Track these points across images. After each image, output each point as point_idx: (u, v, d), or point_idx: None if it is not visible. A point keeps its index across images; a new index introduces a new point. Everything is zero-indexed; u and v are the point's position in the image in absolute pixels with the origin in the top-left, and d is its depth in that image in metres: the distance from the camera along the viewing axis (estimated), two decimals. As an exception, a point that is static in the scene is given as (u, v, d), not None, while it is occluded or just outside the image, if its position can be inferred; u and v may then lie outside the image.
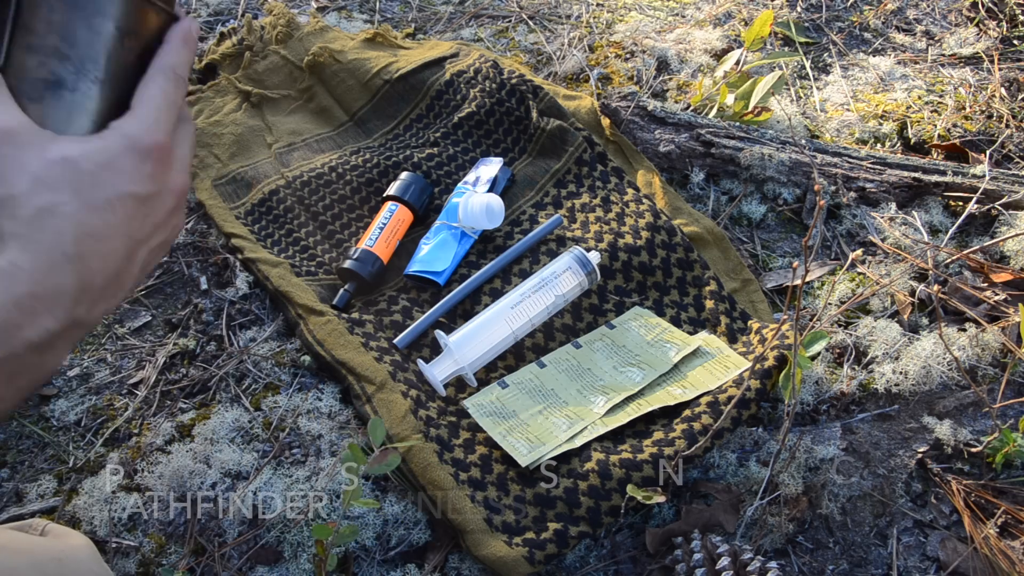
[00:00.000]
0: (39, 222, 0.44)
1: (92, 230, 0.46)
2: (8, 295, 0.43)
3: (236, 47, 1.25)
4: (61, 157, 0.45)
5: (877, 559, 0.75)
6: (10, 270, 0.43)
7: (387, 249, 0.96)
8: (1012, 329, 0.89)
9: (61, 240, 0.45)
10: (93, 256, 0.46)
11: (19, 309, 0.43)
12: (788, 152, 1.06)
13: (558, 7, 1.41)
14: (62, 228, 0.45)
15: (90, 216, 0.46)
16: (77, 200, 0.45)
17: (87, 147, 0.46)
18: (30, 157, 0.45)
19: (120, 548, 0.75)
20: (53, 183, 0.45)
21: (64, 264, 0.45)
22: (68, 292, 0.45)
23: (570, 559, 0.75)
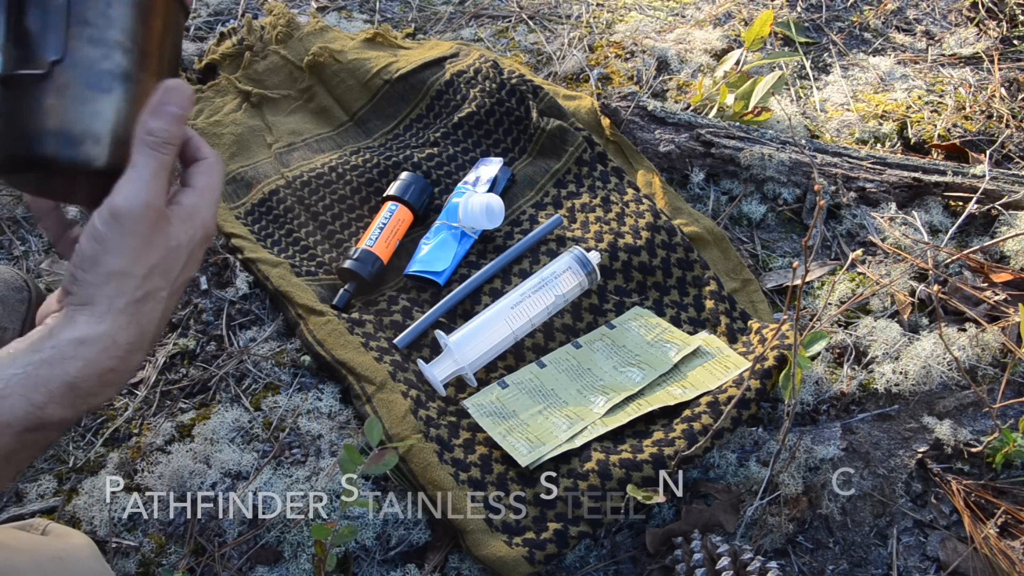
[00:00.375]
0: (143, 306, 0.47)
1: (167, 313, 0.49)
2: (97, 367, 0.45)
3: (236, 47, 1.25)
4: (176, 245, 0.48)
5: (877, 559, 0.75)
6: (108, 344, 0.46)
7: (387, 249, 0.96)
8: (1012, 329, 0.89)
9: (152, 323, 0.48)
10: (154, 336, 0.49)
11: (100, 381, 0.46)
12: (788, 152, 1.06)
13: (558, 7, 1.41)
14: (156, 313, 0.48)
15: (171, 301, 0.49)
16: (170, 287, 0.49)
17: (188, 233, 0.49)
18: (159, 241, 0.47)
19: (120, 548, 0.75)
20: (164, 270, 0.48)
21: (146, 345, 0.48)
22: (135, 367, 0.48)
23: (570, 559, 0.75)
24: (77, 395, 0.45)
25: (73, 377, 0.44)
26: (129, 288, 0.46)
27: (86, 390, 0.45)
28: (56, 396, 0.44)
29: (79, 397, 0.45)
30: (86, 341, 0.45)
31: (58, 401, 0.44)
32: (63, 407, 0.44)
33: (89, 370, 0.45)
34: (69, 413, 0.45)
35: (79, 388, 0.45)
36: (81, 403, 0.45)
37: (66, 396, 0.44)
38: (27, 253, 1.00)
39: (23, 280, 0.87)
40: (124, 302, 0.46)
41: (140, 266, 0.46)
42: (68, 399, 0.44)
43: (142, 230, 0.46)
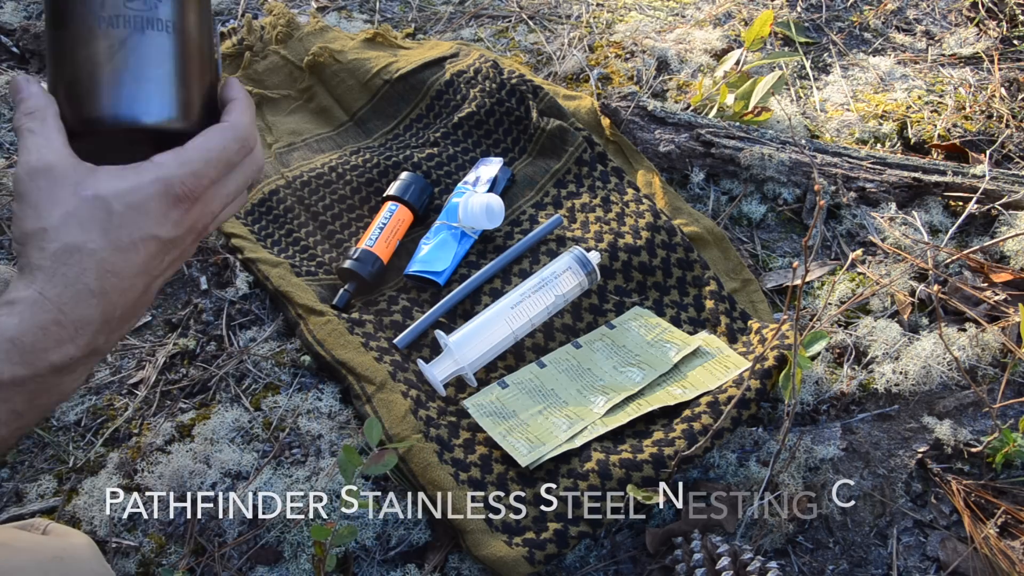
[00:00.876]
0: (65, 257, 0.47)
1: (115, 268, 0.48)
2: (34, 321, 0.46)
3: (236, 47, 1.25)
4: (93, 195, 0.47)
5: (877, 559, 0.75)
6: (37, 299, 0.46)
7: (387, 249, 0.96)
8: (1012, 329, 0.89)
9: (85, 275, 0.47)
10: (114, 292, 0.49)
11: (44, 334, 0.46)
12: (788, 152, 1.06)
13: (558, 7, 1.41)
14: (86, 264, 0.47)
15: (114, 255, 0.48)
16: (104, 239, 0.48)
17: (121, 185, 0.48)
18: (65, 193, 0.47)
19: (120, 548, 0.75)
20: (83, 221, 0.47)
21: (88, 298, 0.48)
22: (91, 323, 0.48)
23: (570, 559, 0.75)
24: (24, 350, 0.45)
25: (12, 333, 0.45)
26: (43, 242, 0.47)
27: (32, 344, 0.46)
28: (1, 353, 0.45)
29: (27, 352, 0.46)
30: (16, 301, 0.46)
31: (3, 358, 0.45)
32: (11, 364, 0.45)
33: (25, 325, 0.46)
34: (21, 370, 0.46)
35: (23, 343, 0.45)
36: (33, 359, 0.46)
37: (11, 353, 0.45)
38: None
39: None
40: (41, 257, 0.47)
41: (46, 218, 0.47)
42: (15, 355, 0.45)
43: (35, 185, 0.47)
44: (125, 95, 0.51)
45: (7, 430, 0.47)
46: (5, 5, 1.32)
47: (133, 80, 0.51)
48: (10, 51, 1.25)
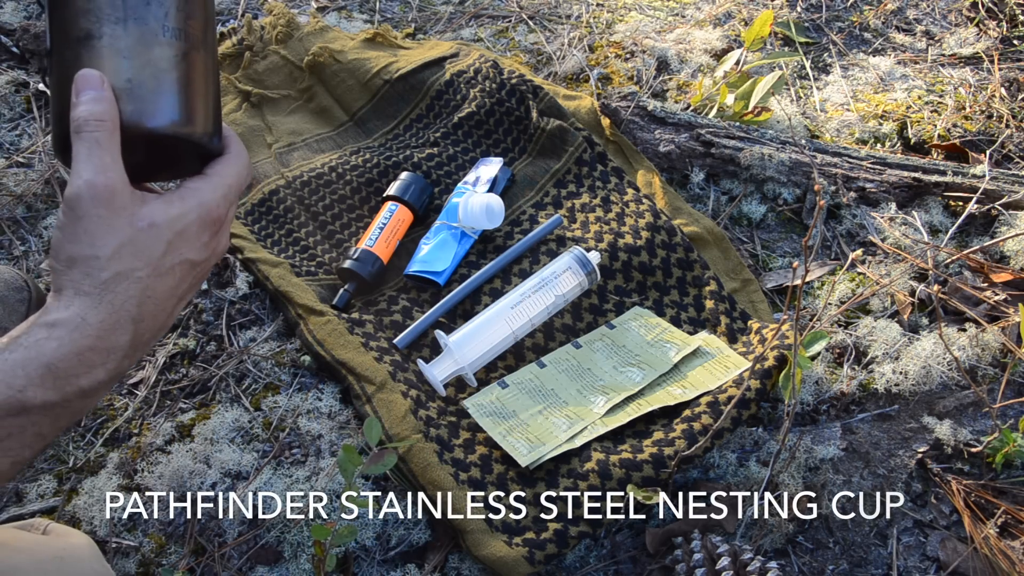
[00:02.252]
0: (113, 285, 0.48)
1: (154, 293, 0.50)
2: (72, 347, 0.46)
3: (236, 47, 1.25)
4: (149, 224, 0.49)
5: (877, 559, 0.75)
6: (79, 324, 0.47)
7: (387, 249, 0.96)
8: (1012, 329, 0.89)
9: (129, 303, 0.48)
10: (149, 316, 0.50)
11: (80, 360, 0.47)
12: (788, 152, 1.06)
13: (558, 7, 1.41)
14: (132, 292, 0.48)
15: (156, 281, 0.49)
16: (149, 267, 0.49)
17: (171, 213, 0.50)
18: (122, 223, 0.48)
19: (120, 548, 0.75)
20: (137, 251, 0.48)
21: (127, 324, 0.48)
22: (123, 348, 0.49)
23: (570, 559, 0.75)
24: (58, 376, 0.46)
25: (50, 358, 0.45)
26: (93, 270, 0.47)
27: (66, 370, 0.46)
28: (35, 378, 0.45)
29: (60, 378, 0.46)
30: (57, 324, 0.46)
31: (38, 383, 0.45)
32: (44, 389, 0.45)
33: (64, 350, 0.46)
34: (53, 395, 0.46)
35: (58, 368, 0.45)
36: (64, 384, 0.46)
37: (46, 378, 0.45)
38: (27, 253, 1.00)
39: (23, 280, 0.87)
40: (89, 284, 0.47)
41: (101, 247, 0.47)
42: (48, 380, 0.45)
43: (96, 212, 0.46)
44: (183, 106, 0.52)
45: (31, 452, 0.48)
46: (5, 5, 1.32)
47: (191, 93, 0.52)
48: (10, 51, 1.25)
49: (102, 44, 0.50)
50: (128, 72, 0.50)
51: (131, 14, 0.50)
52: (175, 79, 0.52)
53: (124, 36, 0.50)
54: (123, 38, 0.50)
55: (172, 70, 0.51)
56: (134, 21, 0.50)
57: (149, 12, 0.50)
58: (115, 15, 0.50)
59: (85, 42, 0.50)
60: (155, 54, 0.51)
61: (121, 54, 0.50)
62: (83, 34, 0.50)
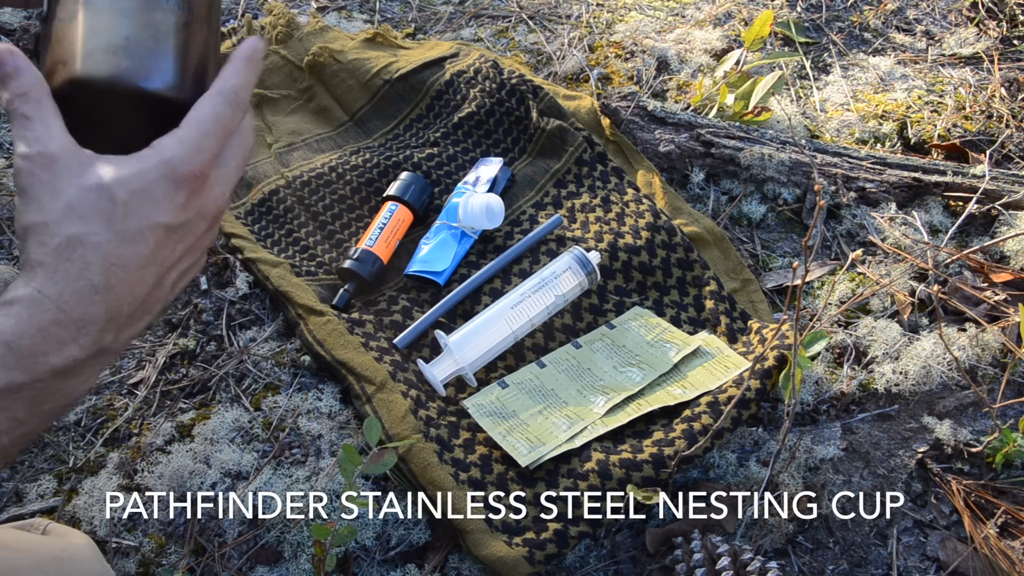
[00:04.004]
0: (68, 251, 0.44)
1: (121, 260, 0.45)
2: (32, 322, 0.43)
3: (236, 47, 1.25)
4: (96, 184, 0.45)
5: (877, 559, 0.75)
6: (36, 298, 0.43)
7: (387, 249, 0.96)
8: (1012, 329, 0.89)
9: (88, 270, 0.44)
10: (121, 285, 0.46)
11: (44, 336, 0.43)
12: (788, 152, 1.06)
13: (558, 7, 1.41)
14: (90, 258, 0.44)
15: (119, 247, 0.45)
16: (108, 230, 0.45)
17: (123, 172, 0.46)
18: (65, 183, 0.45)
19: (120, 548, 0.75)
20: (85, 212, 0.45)
21: (91, 294, 0.45)
22: (95, 321, 0.45)
23: (570, 559, 0.75)
24: (21, 355, 0.43)
25: (8, 335, 0.43)
26: (44, 236, 0.44)
27: (30, 348, 0.43)
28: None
29: (25, 357, 0.43)
30: (13, 301, 0.44)
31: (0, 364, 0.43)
32: (7, 370, 0.43)
33: (23, 327, 0.43)
34: (19, 376, 0.43)
35: (19, 347, 0.43)
36: (32, 363, 0.43)
37: (6, 357, 0.43)
38: (27, 253, 1.00)
39: (23, 280, 0.87)
40: (42, 253, 0.44)
41: (48, 212, 0.44)
42: (11, 360, 0.43)
43: (38, 178, 0.44)
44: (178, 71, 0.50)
45: (8, 439, 0.45)
46: (5, 5, 1.32)
47: (188, 60, 0.50)
48: (10, 51, 1.24)
49: (102, 3, 0.49)
50: (126, 30, 0.48)
51: None
52: (173, 44, 0.50)
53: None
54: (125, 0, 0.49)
55: (171, 35, 0.50)
56: None
57: None
58: None
59: (85, 2, 0.49)
60: (156, 17, 0.49)
61: (122, 12, 0.48)
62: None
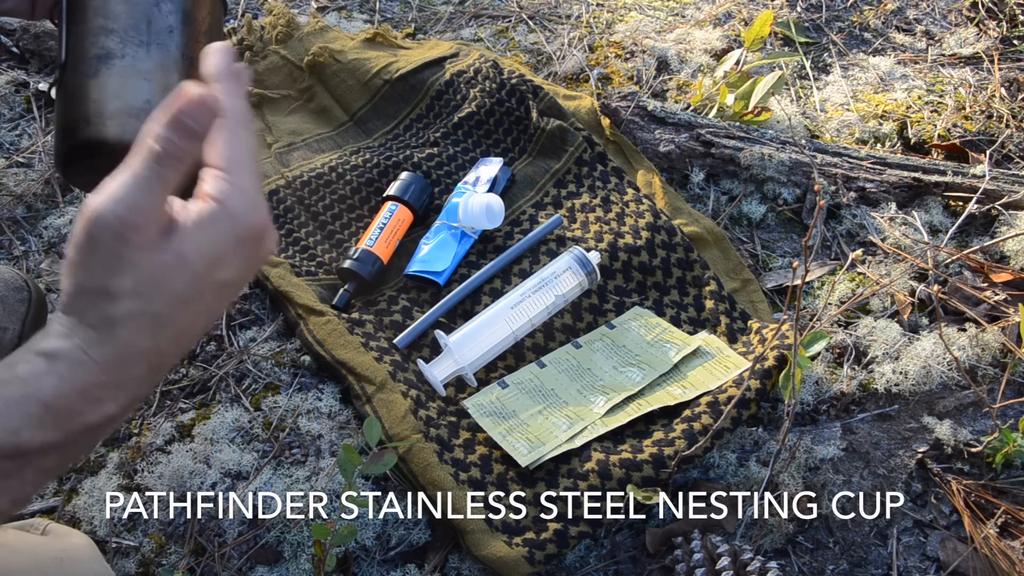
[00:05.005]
0: (126, 322, 0.41)
1: (175, 323, 0.43)
2: (75, 384, 0.40)
3: (236, 47, 1.25)
4: (174, 258, 0.41)
5: (877, 559, 0.75)
6: (81, 359, 0.40)
7: (387, 249, 0.96)
8: (1012, 329, 0.89)
9: (140, 337, 0.42)
10: (168, 343, 0.43)
11: (84, 398, 0.41)
12: (788, 152, 1.06)
13: (558, 7, 1.41)
14: (146, 327, 0.42)
15: (178, 312, 0.42)
16: (172, 303, 0.42)
17: (201, 240, 0.42)
18: (144, 258, 0.41)
19: (120, 548, 0.75)
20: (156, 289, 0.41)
21: (139, 359, 0.42)
22: (136, 380, 0.43)
23: (570, 559, 0.75)
24: (59, 415, 0.40)
25: (49, 395, 0.40)
26: (103, 304, 0.40)
27: (68, 408, 0.40)
28: (33, 419, 0.39)
29: (62, 417, 0.40)
30: (57, 355, 0.40)
31: (36, 424, 0.39)
32: (43, 429, 0.40)
33: (65, 387, 0.40)
34: (54, 436, 0.40)
35: (58, 407, 0.40)
36: (67, 423, 0.40)
37: (44, 418, 0.39)
38: (27, 253, 1.00)
39: (23, 280, 0.87)
40: (95, 317, 0.41)
41: (115, 284, 0.40)
42: (48, 420, 0.40)
43: (117, 247, 0.40)
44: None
45: (33, 488, 0.43)
46: (5, 5, 1.32)
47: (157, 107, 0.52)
48: (10, 51, 1.25)
49: (124, 64, 0.51)
50: (147, 94, 0.51)
51: (154, 39, 0.51)
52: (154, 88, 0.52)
53: (146, 59, 0.51)
54: (145, 61, 0.51)
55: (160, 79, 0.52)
56: (157, 46, 0.51)
57: (171, 40, 0.52)
58: (139, 39, 0.51)
59: (106, 60, 0.51)
60: (174, 79, 0.52)
61: (142, 75, 0.51)
62: (104, 52, 0.51)
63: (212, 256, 0.42)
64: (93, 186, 0.50)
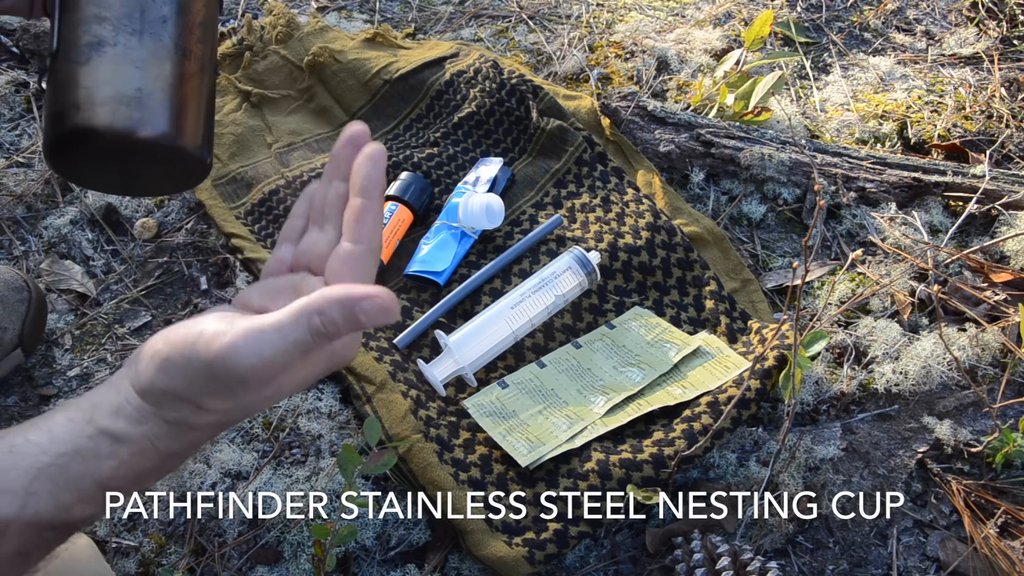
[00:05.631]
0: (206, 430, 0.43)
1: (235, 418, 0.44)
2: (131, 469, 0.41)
3: (236, 47, 1.25)
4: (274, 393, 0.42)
5: (877, 559, 0.75)
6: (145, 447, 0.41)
7: (387, 249, 0.96)
8: (1012, 329, 0.89)
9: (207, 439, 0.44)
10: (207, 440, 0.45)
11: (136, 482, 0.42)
12: (788, 152, 1.06)
13: (558, 7, 1.41)
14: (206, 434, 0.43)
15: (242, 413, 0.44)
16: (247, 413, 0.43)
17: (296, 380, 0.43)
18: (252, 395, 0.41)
19: (120, 548, 0.75)
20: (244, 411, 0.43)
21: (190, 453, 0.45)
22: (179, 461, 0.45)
23: (570, 559, 0.75)
24: (109, 492, 0.41)
25: (106, 477, 0.40)
26: (189, 414, 0.41)
27: (120, 488, 0.41)
28: (86, 496, 0.40)
29: (112, 494, 0.42)
30: (124, 440, 0.40)
31: (88, 501, 0.40)
32: (92, 505, 0.41)
33: (124, 471, 0.41)
34: (95, 510, 0.41)
35: (111, 487, 0.41)
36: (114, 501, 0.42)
37: (97, 496, 0.41)
38: (27, 253, 1.00)
39: (23, 280, 0.87)
40: (176, 418, 0.41)
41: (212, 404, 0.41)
42: (99, 498, 0.41)
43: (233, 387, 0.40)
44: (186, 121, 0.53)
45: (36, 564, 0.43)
46: (5, 5, 1.32)
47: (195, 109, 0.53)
48: (10, 51, 1.25)
49: (116, 52, 0.51)
50: (139, 82, 0.51)
51: (147, 28, 0.52)
52: (182, 96, 0.53)
53: (139, 48, 0.51)
54: (137, 49, 0.51)
55: (180, 87, 0.53)
56: (150, 35, 0.52)
57: (164, 29, 0.52)
58: (132, 27, 0.51)
59: (97, 47, 0.51)
60: (166, 69, 0.52)
61: (134, 64, 0.51)
62: (96, 40, 0.51)
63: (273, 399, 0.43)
64: (81, 177, 0.51)
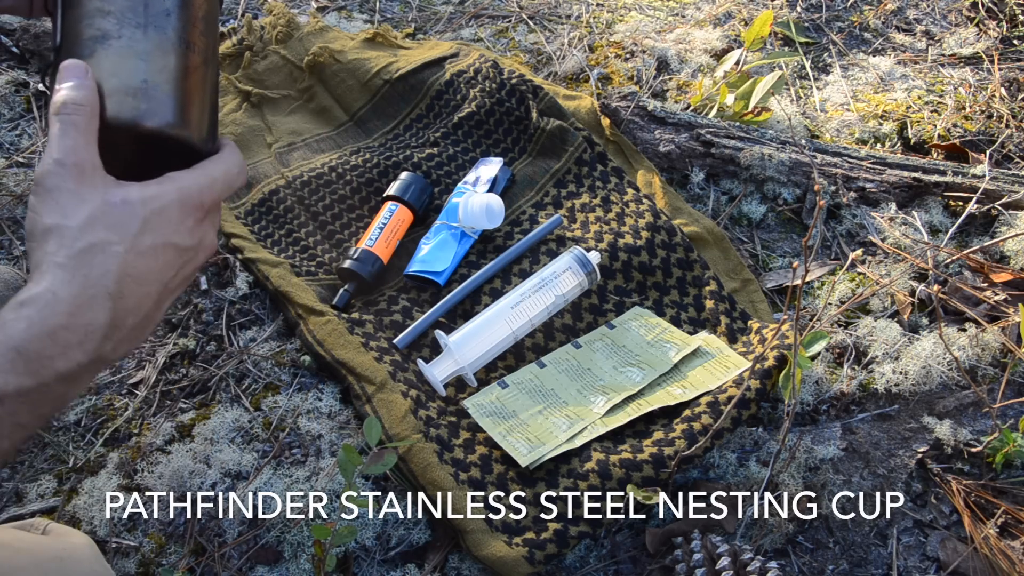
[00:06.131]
0: (88, 256, 0.46)
1: (135, 272, 0.48)
2: (43, 326, 0.44)
3: (236, 47, 1.25)
4: (121, 200, 0.48)
5: (877, 559, 0.75)
6: (49, 299, 0.45)
7: (387, 249, 0.96)
8: (1012, 329, 0.89)
9: (105, 278, 0.47)
10: (130, 296, 0.48)
11: (52, 341, 0.45)
12: (788, 152, 1.06)
13: (558, 7, 1.41)
14: (107, 266, 0.47)
15: (136, 259, 0.48)
16: (128, 243, 0.48)
17: (145, 193, 0.49)
18: (91, 195, 0.47)
19: (120, 548, 0.75)
20: (109, 223, 0.47)
21: (103, 301, 0.47)
22: (100, 328, 0.47)
23: (570, 559, 0.75)
24: (30, 359, 0.44)
25: (19, 340, 0.43)
26: (66, 239, 0.46)
27: (39, 352, 0.44)
28: (5, 364, 0.43)
29: (33, 361, 0.44)
30: (27, 302, 0.44)
31: (8, 369, 0.43)
32: (17, 375, 0.43)
33: (34, 330, 0.44)
34: (27, 381, 0.44)
35: (29, 351, 0.43)
36: (39, 367, 0.44)
37: (16, 362, 0.43)
38: (27, 253, 1.00)
39: (23, 280, 0.87)
40: (63, 255, 0.45)
41: (72, 218, 0.46)
42: (20, 364, 0.43)
43: (66, 185, 0.46)
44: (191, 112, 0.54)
45: (9, 443, 0.46)
46: (5, 5, 1.32)
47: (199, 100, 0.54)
48: (10, 51, 1.25)
49: (120, 44, 0.52)
50: (144, 74, 0.52)
51: (152, 22, 0.52)
52: (187, 87, 0.54)
53: (143, 40, 0.52)
54: (142, 42, 0.52)
55: (185, 78, 0.54)
56: (154, 28, 0.52)
57: (168, 23, 0.53)
58: (136, 20, 0.52)
59: (102, 40, 0.51)
60: (171, 61, 0.53)
61: (139, 56, 0.52)
62: (100, 33, 0.51)
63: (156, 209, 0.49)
64: None
